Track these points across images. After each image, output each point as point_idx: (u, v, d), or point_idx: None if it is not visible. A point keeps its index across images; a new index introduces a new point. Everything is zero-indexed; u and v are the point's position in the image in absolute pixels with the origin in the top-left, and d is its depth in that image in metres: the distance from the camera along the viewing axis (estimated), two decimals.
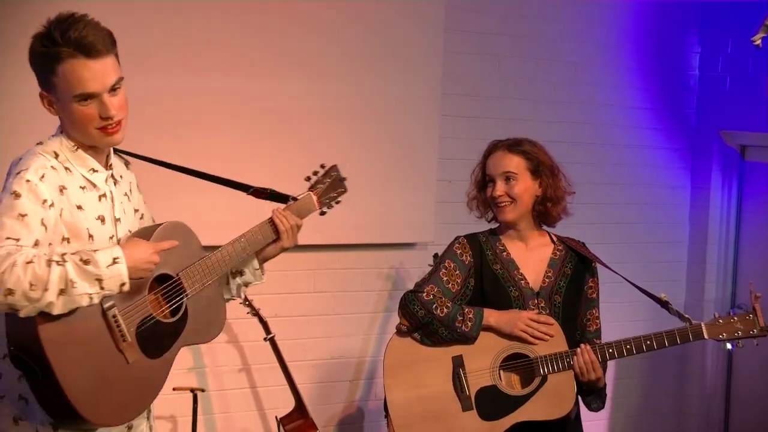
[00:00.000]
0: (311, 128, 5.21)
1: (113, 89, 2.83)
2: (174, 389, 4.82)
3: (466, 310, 3.79)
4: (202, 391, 4.95)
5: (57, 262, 2.68)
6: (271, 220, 3.29)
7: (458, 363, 3.82)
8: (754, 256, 6.27)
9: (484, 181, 3.91)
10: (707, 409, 6.36)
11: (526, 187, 3.84)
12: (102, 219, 2.90)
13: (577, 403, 3.87)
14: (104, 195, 2.93)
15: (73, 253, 2.74)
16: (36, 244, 2.71)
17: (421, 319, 3.82)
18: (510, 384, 3.81)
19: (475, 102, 5.73)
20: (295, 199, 3.40)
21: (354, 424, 5.53)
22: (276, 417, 4.99)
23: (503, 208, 3.84)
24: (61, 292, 2.67)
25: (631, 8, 6.15)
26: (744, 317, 3.78)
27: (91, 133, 2.85)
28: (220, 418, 5.20)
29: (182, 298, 2.99)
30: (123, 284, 2.78)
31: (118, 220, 2.95)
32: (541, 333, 3.77)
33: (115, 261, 2.76)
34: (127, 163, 3.14)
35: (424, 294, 3.83)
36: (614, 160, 6.16)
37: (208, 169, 3.44)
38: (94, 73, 2.79)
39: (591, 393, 3.87)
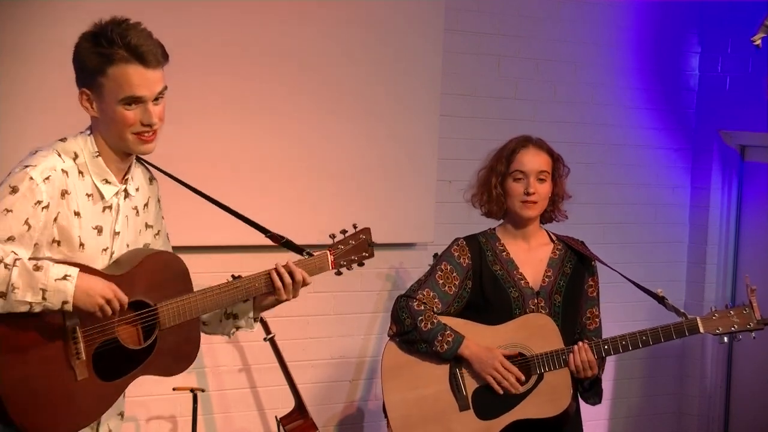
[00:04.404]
0: (310, 128, 5.21)
1: (157, 98, 2.85)
2: (174, 389, 4.82)
3: (448, 332, 3.80)
4: (202, 391, 4.95)
5: (6, 264, 2.68)
6: (268, 274, 3.11)
7: (456, 363, 3.83)
8: (754, 256, 6.27)
9: (506, 175, 3.90)
10: (707, 409, 6.36)
11: (550, 187, 3.88)
12: (99, 230, 2.88)
13: (576, 400, 3.88)
14: (110, 207, 2.91)
15: (32, 259, 2.73)
16: (10, 239, 2.73)
17: (406, 328, 3.84)
18: None
19: (474, 102, 5.73)
20: (310, 254, 3.19)
21: (354, 424, 5.53)
22: (276, 417, 4.99)
23: (532, 206, 3.85)
24: (1, 294, 2.67)
25: (631, 8, 6.14)
26: (740, 311, 3.78)
27: (127, 137, 2.85)
28: (220, 418, 5.20)
29: (155, 329, 2.92)
30: (66, 302, 2.72)
31: (117, 233, 2.93)
32: (507, 384, 3.76)
33: (65, 277, 2.72)
34: (151, 178, 3.10)
35: (416, 302, 3.84)
36: (614, 160, 6.15)
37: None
38: (145, 80, 2.81)
39: (590, 389, 3.88)
